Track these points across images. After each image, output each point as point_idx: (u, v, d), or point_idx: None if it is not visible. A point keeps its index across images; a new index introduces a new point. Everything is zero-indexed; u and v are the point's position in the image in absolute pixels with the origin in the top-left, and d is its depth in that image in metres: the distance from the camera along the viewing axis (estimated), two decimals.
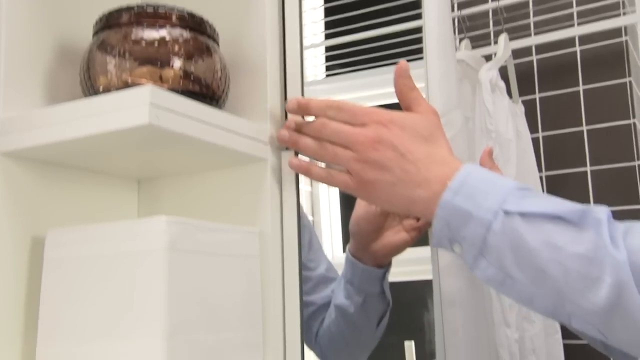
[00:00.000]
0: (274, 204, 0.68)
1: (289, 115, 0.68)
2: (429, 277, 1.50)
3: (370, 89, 0.67)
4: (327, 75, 1.85)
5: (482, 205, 0.57)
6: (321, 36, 1.89)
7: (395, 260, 0.91)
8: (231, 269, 0.62)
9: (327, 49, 1.85)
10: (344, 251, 0.93)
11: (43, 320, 0.58)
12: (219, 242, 0.61)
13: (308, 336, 0.97)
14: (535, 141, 1.45)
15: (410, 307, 1.63)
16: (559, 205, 0.57)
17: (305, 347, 0.76)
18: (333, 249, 1.78)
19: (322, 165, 0.68)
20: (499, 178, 0.61)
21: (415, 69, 0.97)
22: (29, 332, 0.59)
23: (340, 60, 1.78)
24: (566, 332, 1.27)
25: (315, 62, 1.88)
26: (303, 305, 0.68)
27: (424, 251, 0.98)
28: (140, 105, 0.54)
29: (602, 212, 0.56)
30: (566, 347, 1.28)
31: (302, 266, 0.69)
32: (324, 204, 1.82)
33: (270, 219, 0.67)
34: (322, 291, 0.98)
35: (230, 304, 0.62)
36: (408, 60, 0.70)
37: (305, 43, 1.89)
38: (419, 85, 0.96)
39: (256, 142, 0.67)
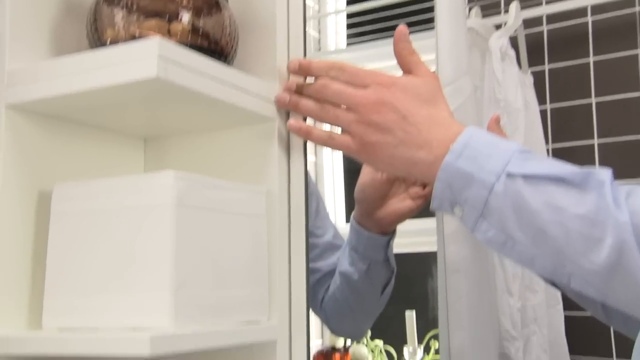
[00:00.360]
0: (282, 164, 0.67)
1: (290, 77, 0.67)
2: (430, 248, 1.51)
3: (391, 58, 0.67)
4: (349, 44, 1.83)
5: (484, 167, 0.58)
6: (343, 3, 1.87)
7: (398, 231, 0.91)
8: (237, 227, 0.62)
9: (349, 16, 1.83)
10: (347, 221, 0.93)
11: (50, 272, 0.58)
12: (225, 200, 0.61)
13: (314, 302, 0.97)
14: (542, 113, 1.43)
15: (412, 278, 1.64)
16: (562, 167, 0.58)
17: (311, 312, 0.76)
18: (336, 218, 1.78)
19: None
20: (501, 141, 0.61)
21: (431, 38, 0.96)
22: (36, 285, 0.59)
23: (362, 28, 1.76)
24: (568, 304, 1.28)
25: (337, 29, 1.86)
26: (309, 266, 0.68)
27: (425, 223, 0.98)
28: (148, 57, 0.53)
29: (604, 174, 0.56)
30: (567, 319, 1.29)
31: (308, 228, 0.69)
32: (328, 174, 1.82)
33: (278, 180, 0.67)
34: (329, 258, 0.98)
35: (236, 262, 0.61)
36: (427, 30, 0.69)
37: (329, 9, 1.86)
38: (430, 56, 0.96)
39: (264, 101, 0.66)
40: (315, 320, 1.23)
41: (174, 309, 0.53)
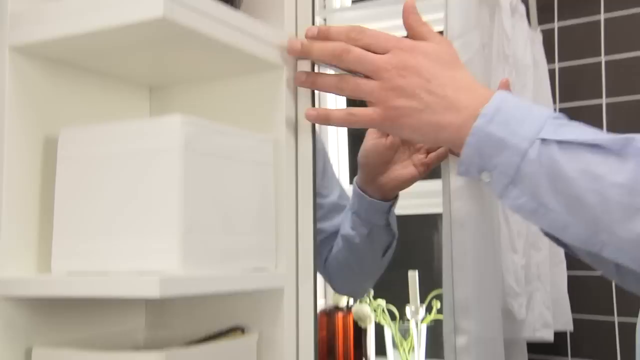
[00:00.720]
0: (289, 113, 0.67)
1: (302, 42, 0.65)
2: (433, 210, 1.51)
3: (396, 17, 0.66)
4: (354, 2, 1.80)
5: (517, 133, 0.56)
6: None
7: (401, 193, 0.91)
8: (245, 174, 0.62)
9: None
10: (350, 184, 0.93)
11: (58, 217, 0.58)
12: (233, 147, 0.61)
13: (317, 262, 0.97)
14: (551, 73, 1.41)
15: (415, 239, 1.65)
16: (598, 134, 0.56)
17: None
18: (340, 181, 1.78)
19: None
20: (534, 106, 0.59)
21: None
22: (44, 229, 0.59)
23: None
24: (571, 263, 1.28)
25: None
26: (316, 216, 0.67)
27: (429, 185, 0.98)
28: None
29: None
30: (570, 278, 1.29)
31: (316, 178, 0.68)
32: (332, 138, 1.80)
33: (285, 129, 0.66)
34: (334, 219, 0.98)
35: (244, 209, 0.61)
36: None
37: None
38: (438, 14, 0.94)
39: (272, 48, 0.65)
40: (318, 280, 1.24)
41: (183, 252, 0.53)
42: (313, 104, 0.69)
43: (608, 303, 1.33)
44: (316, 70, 0.67)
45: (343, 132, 1.83)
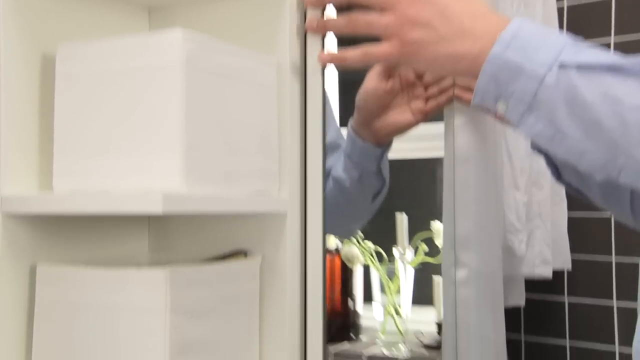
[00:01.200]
0: (293, 35, 0.65)
1: None
2: (422, 155, 1.50)
3: None
4: None
5: (535, 58, 0.55)
6: None
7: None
8: (247, 96, 0.61)
9: None
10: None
11: (58, 135, 0.57)
12: (235, 67, 0.59)
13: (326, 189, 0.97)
14: (559, 11, 1.38)
15: (403, 182, 1.65)
16: (617, 56, 0.55)
17: None
18: None
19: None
20: (551, 32, 0.58)
21: None
22: (44, 148, 0.59)
23: None
24: (571, 204, 1.28)
25: None
26: (325, 139, 0.66)
27: (421, 129, 0.96)
28: None
29: None
30: (570, 220, 1.29)
31: (326, 103, 0.67)
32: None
33: (289, 51, 0.64)
34: (329, 158, 0.97)
35: (247, 131, 0.60)
36: None
37: None
38: None
39: None
40: None
41: (185, 170, 0.53)
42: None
43: (606, 244, 1.34)
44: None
45: (333, 75, 1.79)
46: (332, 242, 1.52)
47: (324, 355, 0.63)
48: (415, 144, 1.41)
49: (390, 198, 0.99)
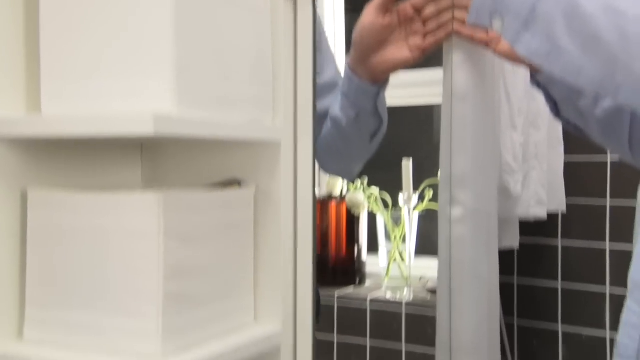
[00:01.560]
0: None
1: None
2: (429, 101, 1.48)
3: None
4: None
5: None
6: None
7: (399, 83, 0.88)
8: (240, 21, 0.59)
9: None
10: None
11: (45, 57, 0.55)
12: None
13: (316, 117, 0.95)
14: None
15: (410, 129, 1.64)
16: None
17: None
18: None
19: None
20: None
21: None
22: (31, 69, 0.57)
23: None
24: (567, 147, 1.28)
25: None
26: (316, 66, 0.65)
27: (426, 74, 0.95)
28: None
29: None
30: (565, 164, 1.29)
31: (317, 28, 0.65)
32: (329, 14, 1.74)
33: None
34: (325, 98, 0.96)
35: (240, 57, 0.59)
36: None
37: None
38: None
39: None
40: None
41: (177, 92, 0.51)
42: None
43: (602, 187, 1.34)
44: None
45: (340, 6, 1.75)
46: (338, 188, 1.52)
47: (312, 282, 0.63)
48: (423, 89, 1.39)
49: (397, 144, 0.98)
